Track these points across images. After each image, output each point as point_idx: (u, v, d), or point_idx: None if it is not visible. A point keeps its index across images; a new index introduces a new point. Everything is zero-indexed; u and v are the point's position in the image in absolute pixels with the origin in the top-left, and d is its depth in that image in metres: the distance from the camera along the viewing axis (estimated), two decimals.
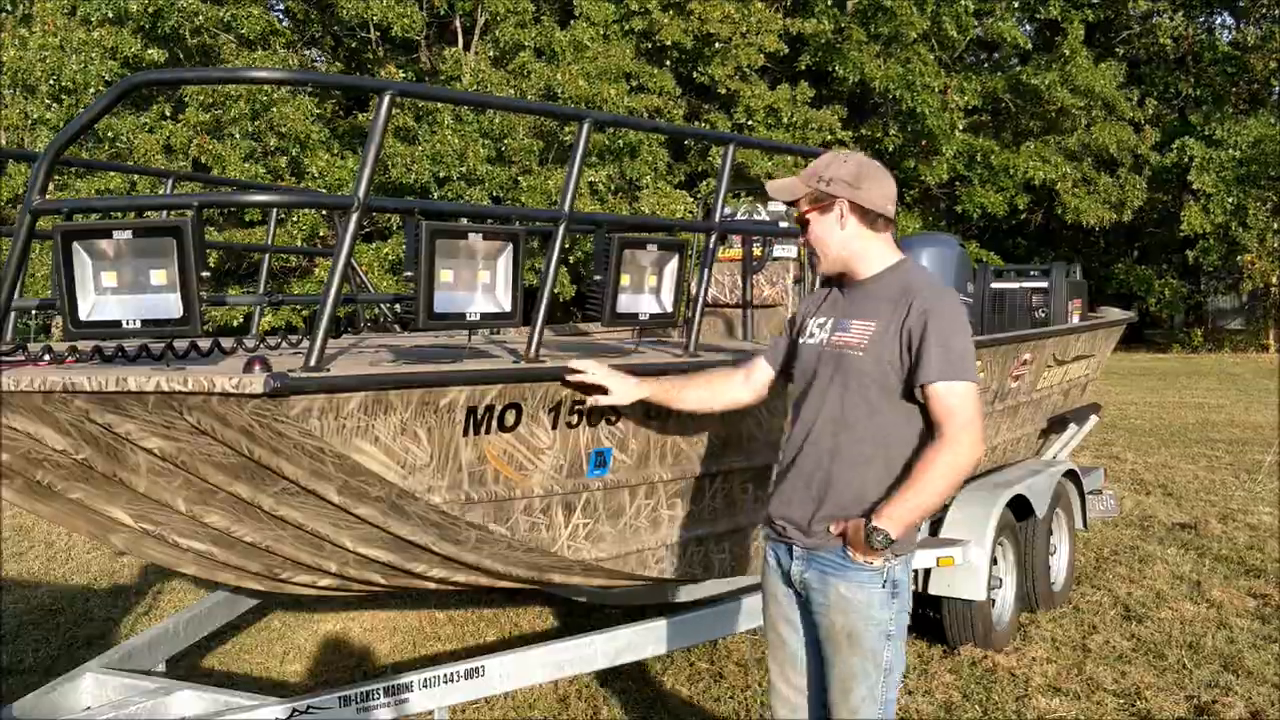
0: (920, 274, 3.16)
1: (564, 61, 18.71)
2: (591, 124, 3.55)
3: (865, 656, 3.02)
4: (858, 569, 2.99)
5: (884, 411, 3.00)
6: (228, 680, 5.46)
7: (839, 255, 3.14)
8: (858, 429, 3.02)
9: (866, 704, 3.04)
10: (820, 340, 3.15)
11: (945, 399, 2.89)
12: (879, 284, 3.10)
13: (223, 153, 17.14)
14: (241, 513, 3.55)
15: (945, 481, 2.91)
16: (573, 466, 3.68)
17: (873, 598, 3.01)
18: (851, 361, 3.03)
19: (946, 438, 2.88)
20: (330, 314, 2.99)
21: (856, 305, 3.12)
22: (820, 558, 3.07)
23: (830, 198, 3.08)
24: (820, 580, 3.07)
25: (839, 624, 3.03)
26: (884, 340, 2.99)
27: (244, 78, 3.35)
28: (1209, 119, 27.15)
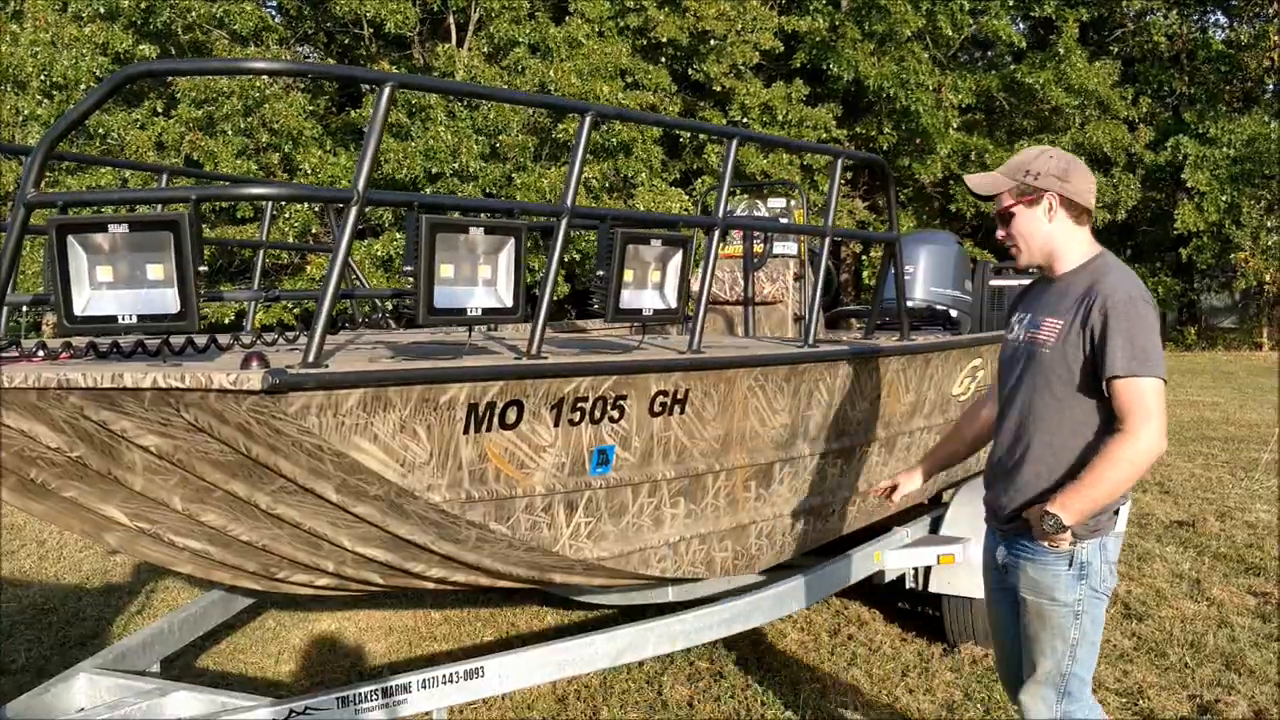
0: (1112, 270, 3.17)
1: (558, 58, 18.65)
2: (594, 116, 3.51)
3: (1053, 633, 3.20)
4: (1044, 552, 3.16)
5: (1070, 405, 3.11)
6: (222, 680, 5.42)
7: (1042, 248, 3.23)
8: (1047, 421, 3.15)
9: (1052, 676, 3.23)
10: (1018, 336, 3.32)
11: (1128, 393, 2.97)
12: (1072, 279, 3.19)
13: (215, 149, 17.06)
14: (238, 511, 3.50)
15: (1124, 473, 2.99)
16: (575, 464, 3.64)
17: (1058, 580, 3.17)
18: (1042, 357, 3.16)
19: (1128, 431, 2.97)
20: (329, 309, 2.95)
21: (1050, 301, 3.22)
22: (1015, 542, 3.27)
23: (1038, 191, 3.17)
24: (1015, 563, 3.28)
25: (1030, 603, 3.23)
26: (1069, 336, 3.10)
27: (241, 69, 3.30)
28: (1203, 117, 27.16)
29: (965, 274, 7.31)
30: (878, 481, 5.30)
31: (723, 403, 4.09)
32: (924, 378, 5.33)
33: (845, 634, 5.97)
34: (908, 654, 5.67)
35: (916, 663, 5.55)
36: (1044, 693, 3.25)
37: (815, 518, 4.97)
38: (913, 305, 6.82)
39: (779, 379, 4.32)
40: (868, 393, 4.91)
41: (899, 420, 5.28)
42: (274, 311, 16.57)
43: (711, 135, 19.86)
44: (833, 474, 4.94)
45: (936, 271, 7.08)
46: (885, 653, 5.69)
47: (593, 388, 3.54)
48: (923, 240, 7.32)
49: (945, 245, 7.29)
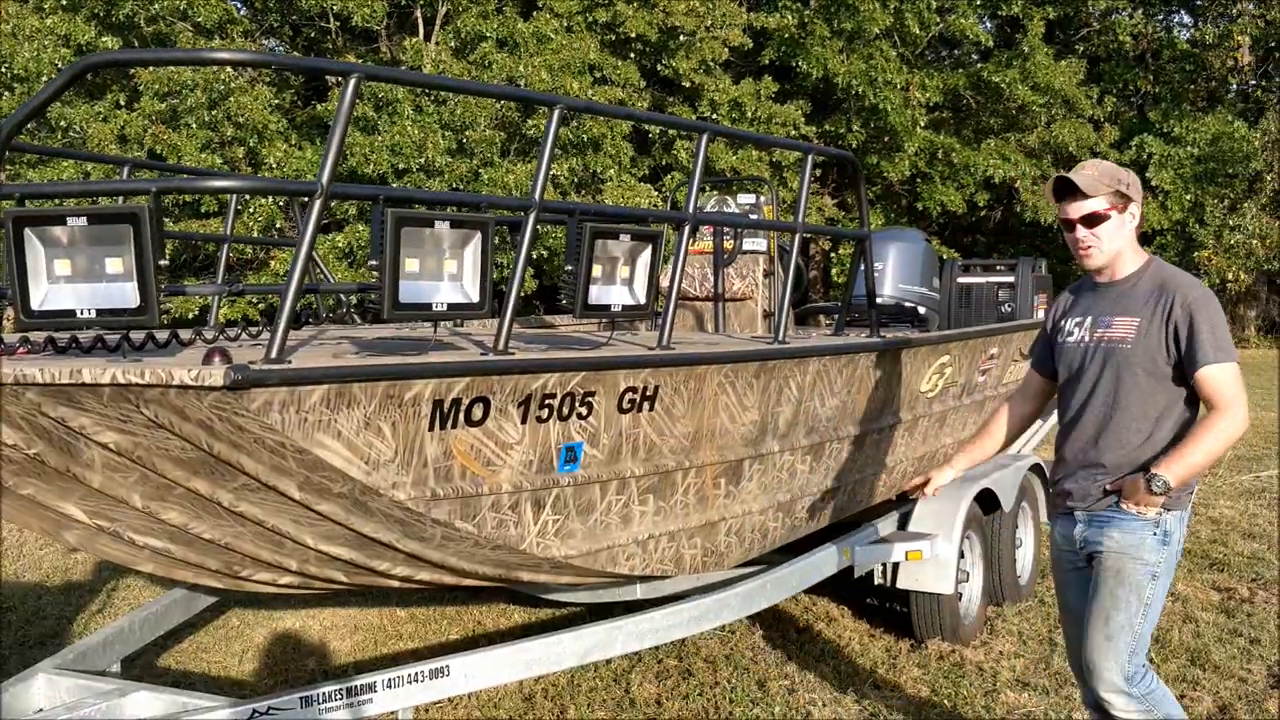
0: (1176, 272, 3.53)
1: (526, 53, 18.55)
2: (562, 109, 3.47)
3: (1130, 589, 3.43)
4: (1133, 518, 3.43)
5: (1152, 393, 3.42)
6: (185, 680, 5.36)
7: (1116, 252, 3.54)
8: (1131, 410, 3.44)
9: (1124, 631, 3.43)
10: (1082, 337, 3.59)
11: (1218, 379, 3.31)
12: (1135, 282, 3.52)
13: (178, 142, 16.86)
14: (200, 509, 3.45)
15: (1221, 444, 3.34)
16: (542, 462, 3.60)
17: (1144, 541, 3.43)
18: (1122, 353, 3.46)
19: (1222, 409, 3.30)
20: (292, 304, 2.90)
21: (1115, 302, 3.53)
22: (1099, 515, 3.51)
23: (1129, 200, 3.50)
24: (1099, 531, 3.51)
25: (1111, 562, 3.46)
26: (1150, 333, 3.41)
27: (204, 59, 3.25)
28: (1167, 116, 27.35)
29: (933, 271, 7.33)
30: (847, 479, 5.30)
31: (692, 399, 4.06)
32: (893, 374, 5.32)
33: (814, 630, 5.96)
34: (875, 650, 5.67)
35: (884, 659, 5.55)
36: (1117, 648, 3.44)
37: (785, 514, 4.96)
38: (882, 302, 6.83)
39: (749, 375, 4.30)
40: (838, 389, 4.90)
41: (869, 416, 5.27)
42: (239, 306, 16.41)
43: (681, 130, 19.81)
44: (802, 471, 4.93)
45: (905, 269, 7.10)
46: (853, 649, 5.69)
47: (560, 384, 3.50)
48: (891, 238, 7.33)
49: (914, 243, 7.31)
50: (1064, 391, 3.68)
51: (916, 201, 25.86)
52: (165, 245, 2.83)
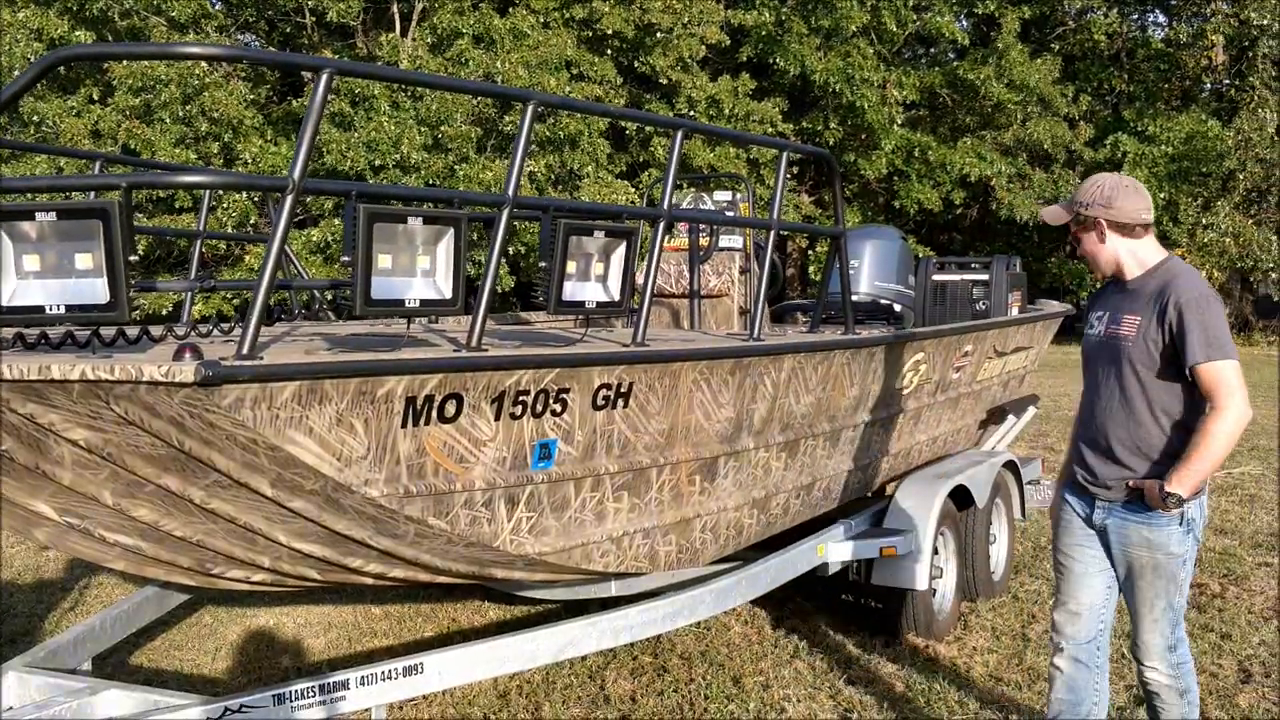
0: (1180, 273, 3.66)
1: (503, 49, 18.51)
2: (536, 105, 3.46)
3: (1167, 580, 3.68)
4: (1158, 516, 3.62)
5: (1155, 388, 3.60)
6: (157, 678, 5.32)
7: (1106, 264, 3.77)
8: (1135, 404, 3.64)
9: (1167, 612, 3.71)
10: (1099, 331, 3.80)
11: (1211, 376, 3.47)
12: (1143, 283, 3.69)
13: (152, 138, 16.76)
14: (171, 506, 3.42)
15: (1223, 445, 3.48)
16: (516, 459, 3.59)
17: (1171, 536, 3.64)
18: (1124, 350, 3.65)
19: (1218, 408, 3.46)
20: (264, 299, 2.88)
21: (1126, 301, 3.71)
22: (1120, 509, 3.72)
23: (1090, 219, 3.71)
24: (1122, 526, 3.73)
25: (1144, 558, 3.68)
26: (1149, 331, 3.59)
27: (175, 53, 3.22)
28: (1142, 115, 27.51)
29: (909, 269, 7.35)
30: (822, 476, 5.32)
31: (667, 396, 4.06)
32: (868, 371, 5.34)
33: (788, 627, 5.97)
34: (850, 646, 5.69)
35: (859, 655, 5.57)
36: (1162, 627, 3.72)
37: (760, 511, 4.96)
38: (857, 299, 6.85)
39: (724, 372, 4.30)
40: (812, 386, 4.91)
41: (844, 413, 5.28)
42: (213, 302, 16.34)
43: (658, 127, 19.80)
44: (777, 468, 4.94)
45: (881, 266, 7.12)
46: (828, 645, 5.71)
47: (534, 381, 3.49)
48: (867, 235, 7.35)
49: (889, 240, 7.33)
50: (1084, 379, 3.91)
51: (893, 199, 25.95)
52: (136, 241, 2.80)
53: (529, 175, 17.78)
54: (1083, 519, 3.88)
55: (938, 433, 6.61)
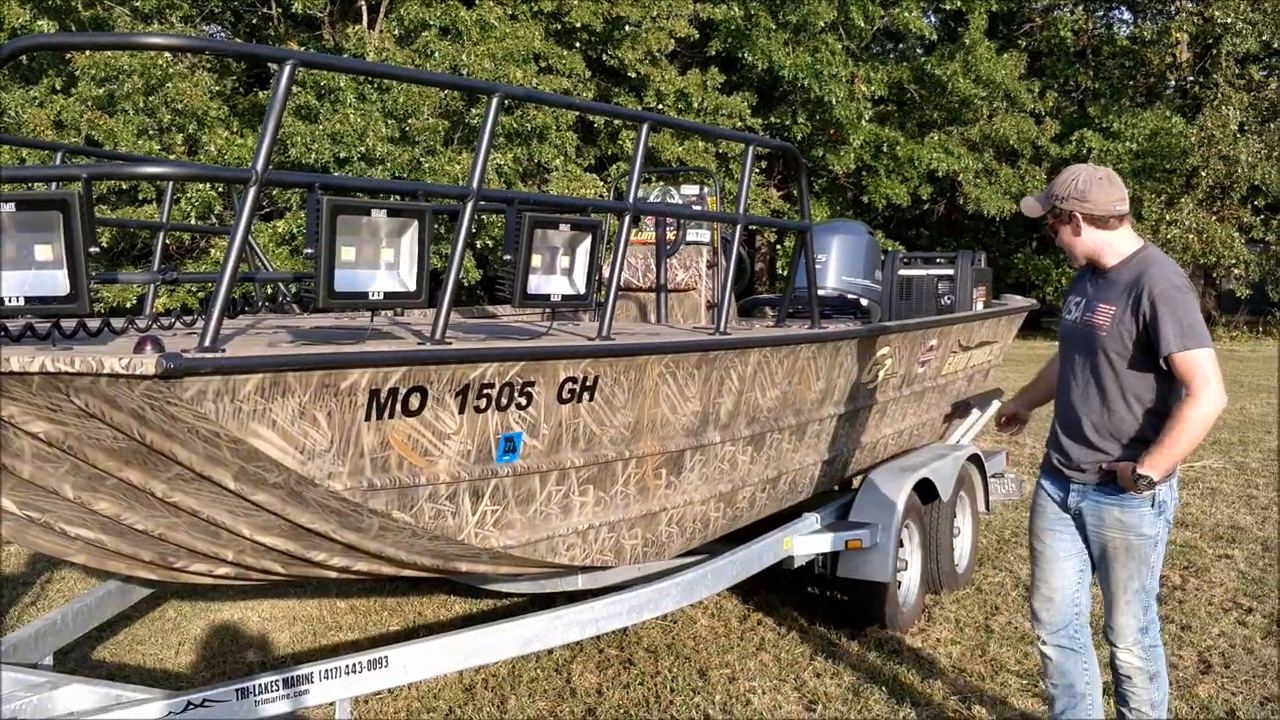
0: (1153, 263, 3.70)
1: (469, 41, 18.41)
2: (501, 97, 3.45)
3: (1140, 561, 3.75)
4: (1130, 498, 3.69)
5: (1128, 376, 3.67)
6: (119, 673, 5.27)
7: (1083, 254, 3.81)
8: (1109, 390, 3.71)
9: (1139, 594, 3.79)
10: (1075, 318, 3.87)
11: (1186, 364, 3.53)
12: (1118, 272, 3.74)
13: (115, 128, 16.58)
14: (133, 499, 3.40)
15: (1196, 431, 3.55)
16: (481, 452, 3.59)
17: (1143, 518, 3.72)
18: (1098, 338, 3.72)
19: (1192, 395, 3.52)
20: (227, 291, 2.87)
21: (1102, 290, 3.77)
22: (1094, 491, 3.79)
23: (1064, 211, 3.76)
24: (1095, 508, 3.80)
25: (1117, 540, 3.76)
26: (1123, 320, 3.64)
27: (136, 43, 3.19)
28: (1107, 111, 27.71)
29: (876, 264, 7.38)
30: (788, 469, 5.33)
31: (633, 390, 4.07)
32: (834, 365, 5.36)
33: (755, 619, 6.00)
34: (815, 638, 5.72)
35: (824, 647, 5.59)
36: (1134, 609, 3.80)
37: (726, 505, 4.98)
38: (824, 294, 6.88)
39: (690, 366, 4.31)
40: (779, 380, 4.93)
41: (810, 407, 5.30)
42: (178, 295, 16.19)
43: (625, 120, 19.78)
44: (744, 461, 4.95)
45: (848, 261, 7.14)
46: (793, 637, 5.73)
47: (499, 374, 3.49)
48: (835, 230, 7.38)
49: (857, 235, 7.36)
50: (1060, 367, 3.98)
51: (862, 194, 26.01)
52: (98, 233, 2.78)
53: (497, 169, 17.71)
54: (1057, 503, 3.94)
55: (903, 426, 6.65)
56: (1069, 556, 3.94)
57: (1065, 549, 3.94)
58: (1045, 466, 4.04)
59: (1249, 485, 9.50)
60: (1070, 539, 3.93)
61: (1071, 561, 3.94)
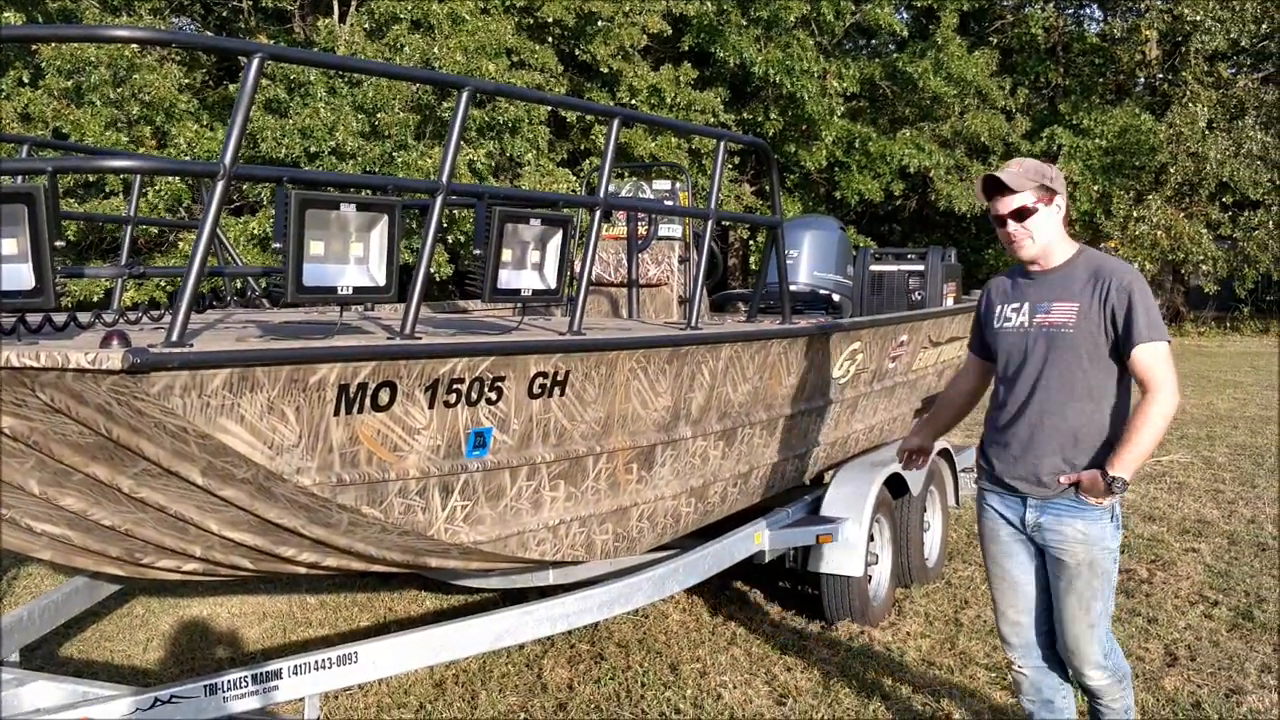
0: (1104, 257, 3.67)
1: (441, 35, 18.33)
2: (471, 92, 3.45)
3: (1102, 577, 3.61)
4: (1092, 509, 3.56)
5: (1095, 374, 3.55)
6: (87, 670, 5.24)
7: (1046, 242, 3.64)
8: (1076, 391, 3.57)
9: (1103, 615, 3.65)
10: (1021, 323, 3.70)
11: (1150, 358, 3.45)
12: (1069, 269, 3.64)
13: (83, 121, 16.41)
14: (99, 495, 3.37)
15: (1161, 426, 3.45)
16: (450, 447, 3.58)
17: (1105, 530, 3.60)
18: (1064, 337, 3.57)
19: (1154, 391, 3.44)
20: (194, 286, 2.85)
21: (1052, 289, 3.64)
22: (1055, 504, 3.62)
23: (1054, 193, 3.63)
24: (1057, 522, 3.63)
25: (1080, 555, 3.60)
26: (1090, 316, 3.53)
27: (101, 36, 3.17)
28: (1077, 108, 27.89)
29: (848, 259, 7.41)
30: (759, 464, 5.35)
31: (604, 385, 4.07)
32: (805, 361, 5.37)
33: (726, 614, 6.01)
34: (786, 632, 5.74)
35: (795, 641, 5.61)
36: (1098, 632, 3.66)
37: (697, 500, 4.99)
38: (796, 289, 6.90)
39: (661, 361, 4.31)
40: (750, 375, 4.94)
41: (781, 402, 5.32)
42: (147, 289, 16.06)
43: (596, 115, 19.76)
44: (715, 456, 4.96)
45: (820, 256, 7.17)
46: (764, 631, 5.75)
47: (469, 369, 3.48)
48: (807, 226, 7.40)
49: (828, 231, 7.38)
50: (1005, 377, 3.76)
51: (834, 190, 26.09)
52: (64, 226, 2.77)
53: (469, 163, 17.65)
54: (1011, 523, 3.76)
55: (874, 421, 6.68)
56: (1030, 577, 3.78)
57: (1024, 572, 3.78)
58: (989, 486, 3.85)
59: (1216, 479, 9.59)
60: (1028, 559, 3.77)
61: (1034, 582, 3.78)
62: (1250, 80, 29.45)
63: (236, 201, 17.98)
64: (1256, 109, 27.95)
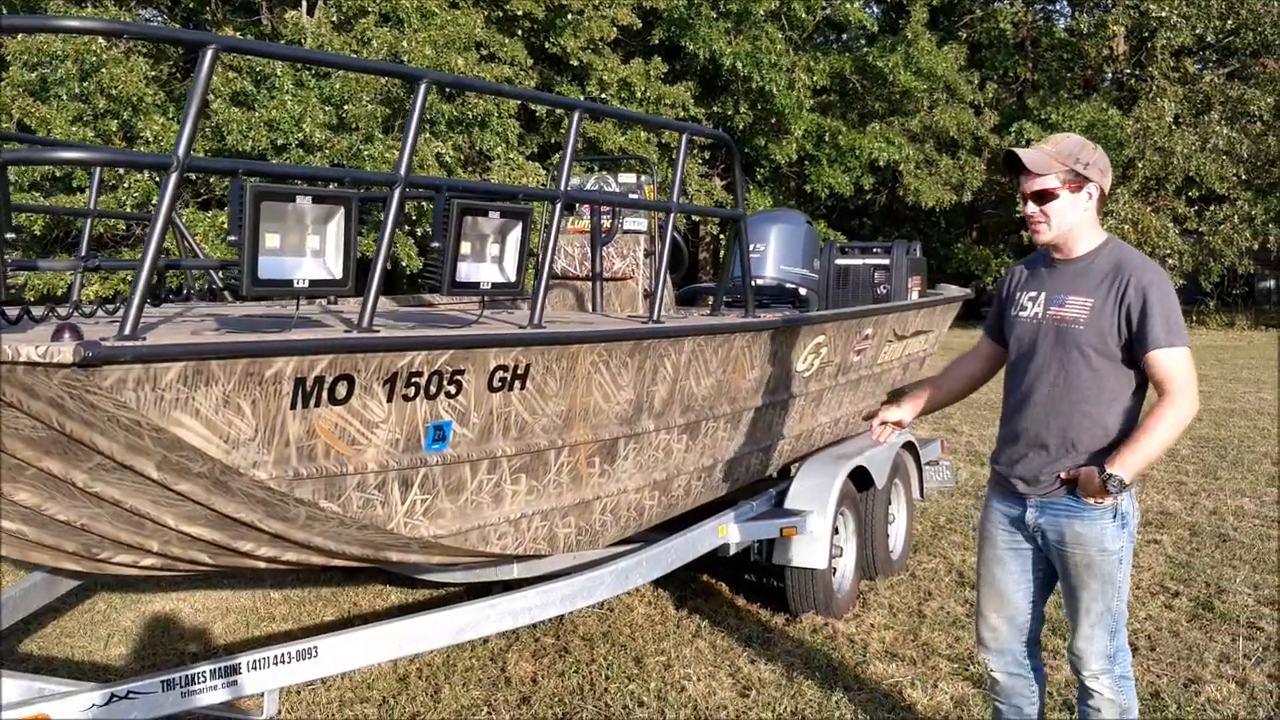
0: (1129, 252, 3.46)
1: (409, 28, 18.24)
2: (429, 84, 3.43)
3: (1103, 580, 3.46)
4: (1090, 509, 3.41)
5: (1104, 375, 3.38)
6: (47, 666, 5.20)
7: (1069, 231, 3.44)
8: (1082, 391, 3.40)
9: (1105, 617, 3.49)
10: (1035, 314, 3.52)
11: (1167, 363, 3.28)
12: (1092, 261, 3.44)
13: (48, 115, 16.25)
14: (54, 490, 3.34)
15: (1171, 433, 3.31)
16: (409, 441, 3.57)
17: (1105, 532, 3.43)
18: (1073, 334, 3.40)
19: (1171, 395, 3.28)
20: (147, 278, 2.83)
21: (1070, 281, 3.46)
22: (1054, 504, 3.48)
23: (1085, 180, 3.40)
24: (1055, 523, 3.49)
25: (1078, 557, 3.46)
26: (1104, 313, 3.35)
27: (54, 26, 3.14)
28: (1045, 103, 28.10)
29: (814, 253, 7.42)
30: (723, 458, 5.35)
31: (565, 378, 4.06)
32: (769, 354, 5.39)
33: (691, 607, 6.02)
34: (750, 625, 5.76)
35: (759, 633, 5.63)
36: (1098, 634, 3.51)
37: (661, 493, 4.99)
38: (763, 283, 6.91)
39: (623, 354, 4.31)
40: (713, 369, 4.94)
41: (745, 396, 5.33)
42: (111, 283, 15.93)
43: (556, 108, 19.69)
44: (678, 449, 4.96)
45: (786, 250, 7.17)
46: (729, 624, 5.77)
47: (428, 362, 3.47)
48: (773, 220, 7.41)
49: (795, 225, 7.39)
50: (1014, 367, 3.63)
51: (805, 184, 26.16)
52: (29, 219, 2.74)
53: (437, 156, 17.58)
54: (1010, 524, 3.63)
55: (839, 414, 6.70)
56: (1018, 587, 3.66)
57: (1014, 580, 3.66)
58: (994, 484, 3.72)
59: (1179, 472, 9.68)
60: (1020, 568, 3.63)
61: (1020, 592, 3.66)
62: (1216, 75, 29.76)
63: (205, 195, 17.85)
64: (1222, 104, 28.24)
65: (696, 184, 23.11)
